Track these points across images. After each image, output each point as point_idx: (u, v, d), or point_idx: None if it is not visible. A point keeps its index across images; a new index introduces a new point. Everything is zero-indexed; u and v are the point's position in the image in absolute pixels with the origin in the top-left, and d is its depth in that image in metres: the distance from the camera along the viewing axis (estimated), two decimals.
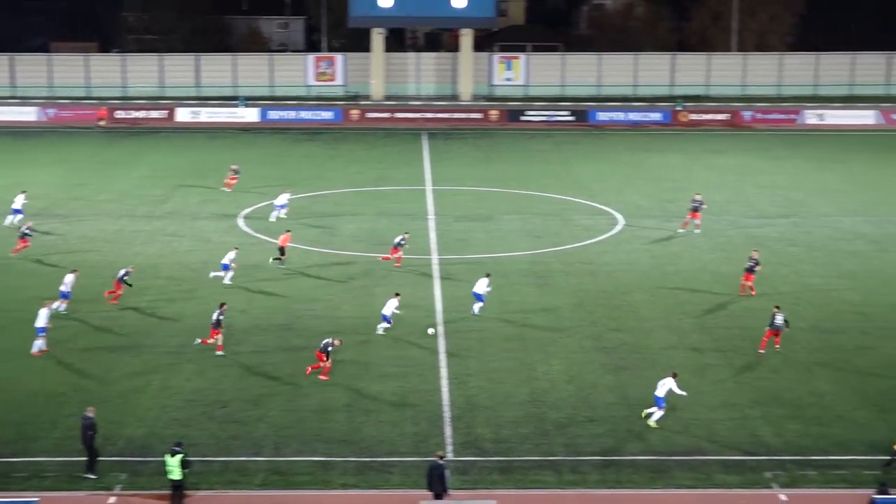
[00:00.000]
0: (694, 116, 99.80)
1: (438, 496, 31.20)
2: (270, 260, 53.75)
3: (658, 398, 36.71)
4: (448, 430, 36.06)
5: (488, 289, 46.89)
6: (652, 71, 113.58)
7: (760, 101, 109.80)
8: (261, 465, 33.84)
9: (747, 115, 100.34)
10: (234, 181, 70.30)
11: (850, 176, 76.60)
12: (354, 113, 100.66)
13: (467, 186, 72.00)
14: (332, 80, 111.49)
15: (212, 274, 51.27)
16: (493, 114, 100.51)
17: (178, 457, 31.28)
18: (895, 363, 41.97)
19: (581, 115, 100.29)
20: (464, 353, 42.66)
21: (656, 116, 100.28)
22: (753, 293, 49.44)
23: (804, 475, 33.43)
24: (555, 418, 37.04)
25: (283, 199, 63.12)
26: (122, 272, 48.06)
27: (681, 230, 60.63)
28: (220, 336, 42.11)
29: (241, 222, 62.35)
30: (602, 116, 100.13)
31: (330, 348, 39.99)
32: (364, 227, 61.69)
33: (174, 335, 44.11)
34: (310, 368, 39.95)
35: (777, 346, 42.91)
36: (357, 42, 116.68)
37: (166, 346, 42.93)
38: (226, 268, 50.58)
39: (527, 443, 35.30)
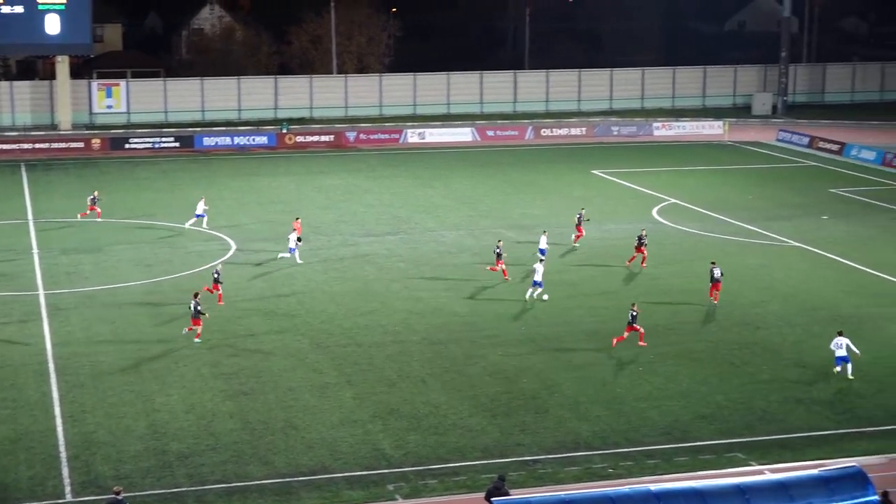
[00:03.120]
0: (300, 139, 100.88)
1: None
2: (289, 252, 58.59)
3: (840, 357, 42.52)
4: (65, 471, 34.81)
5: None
6: (256, 94, 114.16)
7: (363, 121, 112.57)
8: None
9: (351, 135, 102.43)
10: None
11: (450, 191, 79.67)
12: None
13: (71, 218, 69.71)
14: None
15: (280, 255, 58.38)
16: (96, 142, 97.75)
17: None
18: (502, 369, 44.00)
19: (186, 141, 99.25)
20: (78, 388, 41.33)
21: (262, 140, 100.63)
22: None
23: (425, 484, 34.46)
24: (177, 449, 36.51)
25: (200, 206, 66.80)
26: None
27: (575, 244, 62.72)
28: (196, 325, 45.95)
29: None
30: (208, 142, 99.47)
31: None
32: None
33: None
34: None
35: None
36: None
37: None
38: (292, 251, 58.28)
39: (149, 476, 34.58)
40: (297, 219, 62.97)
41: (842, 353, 43.16)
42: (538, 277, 52.62)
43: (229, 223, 68.56)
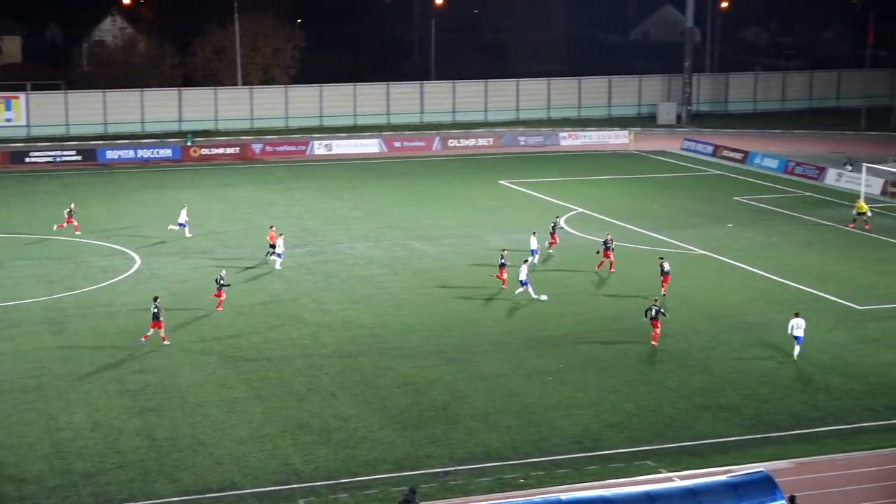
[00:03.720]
0: (205, 151, 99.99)
1: None
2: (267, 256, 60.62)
3: (799, 337, 45.66)
4: None
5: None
6: (160, 107, 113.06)
7: (269, 133, 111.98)
8: None
9: (257, 147, 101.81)
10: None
11: (358, 203, 79.52)
12: None
13: None
14: None
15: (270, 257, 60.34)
16: None
17: None
18: (411, 381, 43.98)
19: (89, 155, 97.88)
20: None
21: (167, 153, 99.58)
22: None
23: (336, 499, 34.30)
24: (82, 468, 35.94)
25: (183, 216, 67.86)
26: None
27: (549, 250, 63.74)
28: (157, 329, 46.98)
29: None
30: (111, 155, 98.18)
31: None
32: None
33: None
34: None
35: None
36: None
37: None
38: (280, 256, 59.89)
39: (54, 496, 34.00)
40: (272, 227, 63.35)
41: (799, 333, 46.21)
42: (523, 277, 54.87)
43: (134, 237, 67.70)
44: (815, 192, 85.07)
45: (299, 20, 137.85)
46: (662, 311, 48.55)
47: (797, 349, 46.48)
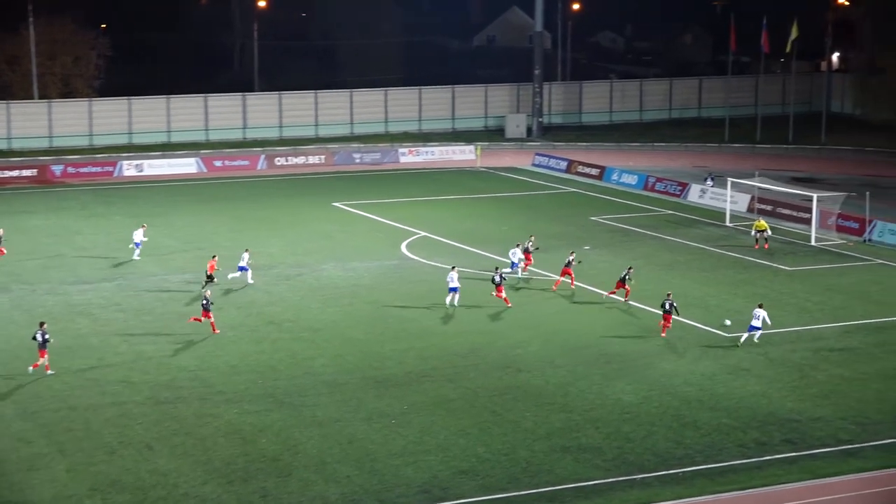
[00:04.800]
0: None
1: None
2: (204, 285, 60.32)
3: (753, 326, 52.59)
4: None
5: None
6: None
7: (71, 153, 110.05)
8: None
9: (58, 169, 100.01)
10: None
11: (174, 230, 78.64)
12: None
13: None
14: None
15: (230, 275, 62.36)
16: None
17: None
18: (237, 429, 43.58)
19: None
20: None
21: None
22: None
23: None
24: None
25: (139, 235, 69.94)
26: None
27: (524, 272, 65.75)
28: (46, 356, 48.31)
29: None
30: None
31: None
32: None
33: None
34: None
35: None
36: None
37: None
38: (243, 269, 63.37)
39: None
40: (214, 257, 63.76)
41: (757, 323, 52.97)
42: (453, 283, 59.05)
43: None
44: (677, 210, 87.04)
45: (104, 25, 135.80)
46: (675, 305, 54.51)
47: (744, 336, 53.20)
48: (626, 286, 60.67)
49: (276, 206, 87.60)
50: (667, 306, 54.52)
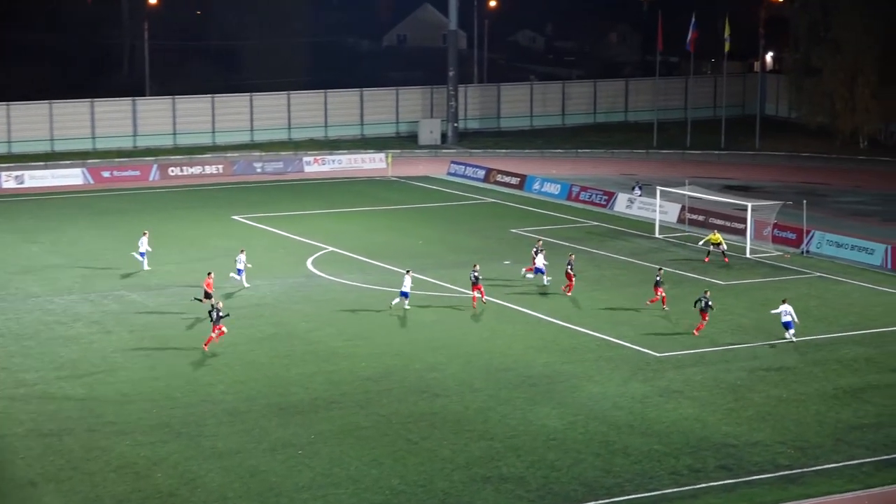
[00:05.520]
0: None
1: None
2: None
3: (788, 322, 56.48)
4: None
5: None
6: None
7: None
8: None
9: None
10: None
11: (59, 247, 77.90)
12: None
13: None
14: None
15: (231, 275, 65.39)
16: None
17: None
18: (130, 463, 43.11)
19: None
20: None
21: None
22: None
23: None
24: None
25: (144, 244, 71.24)
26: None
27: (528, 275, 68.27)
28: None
29: None
30: None
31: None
32: None
33: None
34: None
35: None
36: None
37: None
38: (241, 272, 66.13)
39: None
40: (210, 274, 63.65)
41: (788, 318, 56.67)
42: (406, 288, 62.21)
43: None
44: (603, 222, 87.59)
45: None
46: (710, 303, 58.20)
47: (789, 334, 57.21)
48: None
49: (170, 220, 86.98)
50: (703, 303, 58.26)
